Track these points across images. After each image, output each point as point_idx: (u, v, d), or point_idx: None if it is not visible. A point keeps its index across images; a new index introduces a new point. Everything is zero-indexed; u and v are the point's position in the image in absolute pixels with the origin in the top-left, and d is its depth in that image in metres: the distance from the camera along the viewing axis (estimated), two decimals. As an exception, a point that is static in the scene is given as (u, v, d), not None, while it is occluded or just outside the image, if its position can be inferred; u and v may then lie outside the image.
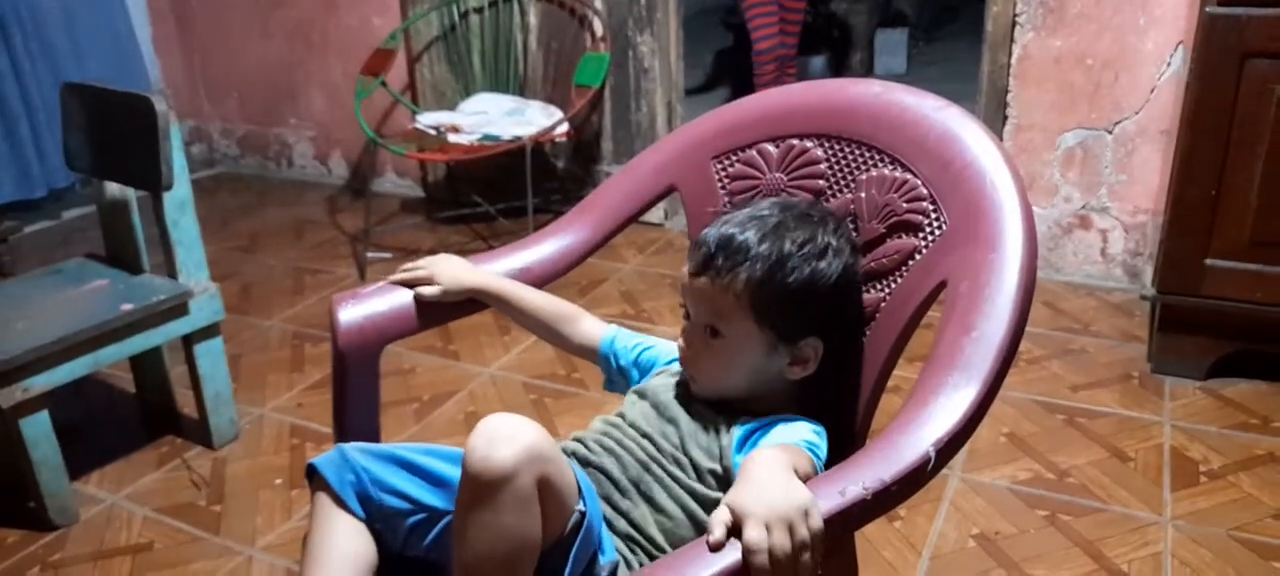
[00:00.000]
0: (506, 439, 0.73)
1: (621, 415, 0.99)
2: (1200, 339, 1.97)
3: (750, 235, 0.89)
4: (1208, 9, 1.78)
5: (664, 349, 1.08)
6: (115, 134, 1.74)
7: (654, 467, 0.91)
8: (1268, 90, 1.77)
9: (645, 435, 0.94)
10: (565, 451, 0.95)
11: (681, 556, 0.69)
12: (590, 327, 1.11)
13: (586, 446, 0.95)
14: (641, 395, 1.00)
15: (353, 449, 0.89)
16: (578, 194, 3.04)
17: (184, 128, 3.68)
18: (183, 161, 1.70)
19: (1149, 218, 2.35)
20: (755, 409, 0.92)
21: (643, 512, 0.89)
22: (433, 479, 0.86)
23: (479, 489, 0.73)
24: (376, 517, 0.87)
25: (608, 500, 0.90)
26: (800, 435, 0.87)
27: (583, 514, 0.79)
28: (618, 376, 1.10)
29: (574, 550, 0.79)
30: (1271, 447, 1.76)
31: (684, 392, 0.97)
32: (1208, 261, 1.89)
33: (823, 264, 0.90)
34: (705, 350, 0.91)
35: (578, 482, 0.80)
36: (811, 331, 0.91)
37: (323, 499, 0.88)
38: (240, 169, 3.80)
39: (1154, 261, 2.28)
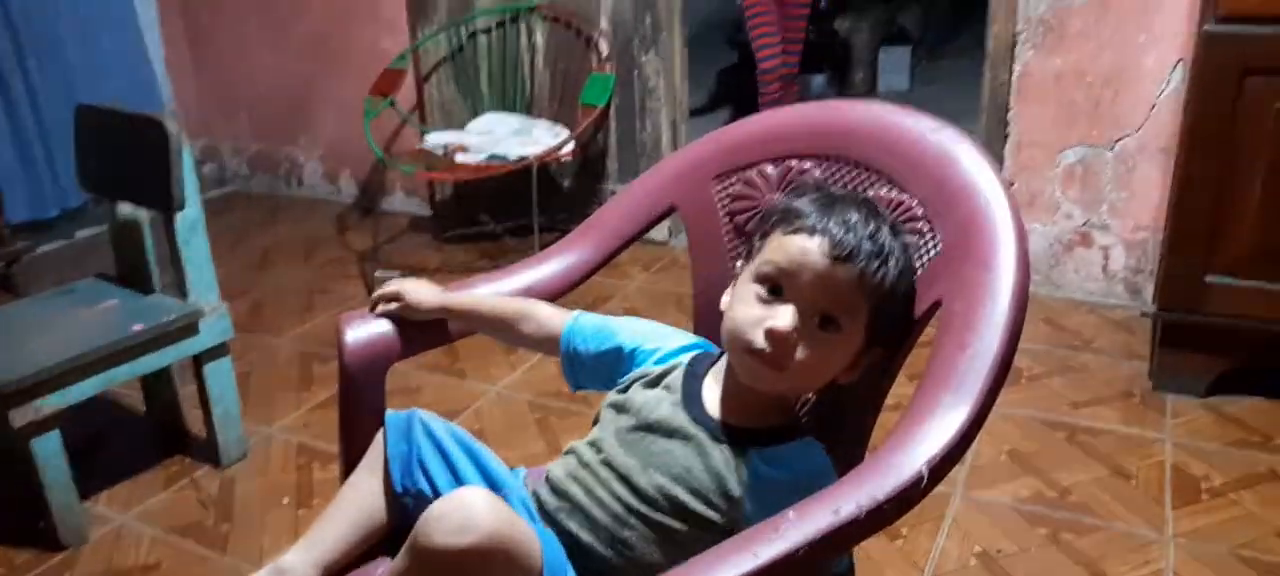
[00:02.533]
0: (459, 529, 0.73)
1: (596, 446, 0.91)
2: (1201, 356, 1.97)
3: (886, 233, 0.84)
4: (1206, 27, 1.80)
5: (643, 334, 0.99)
6: (128, 155, 1.77)
7: (632, 521, 0.85)
8: (1267, 106, 1.78)
9: (624, 476, 0.86)
10: (536, 497, 0.92)
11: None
12: (549, 317, 1.04)
13: (557, 493, 0.90)
14: (621, 409, 0.92)
15: (422, 420, 0.97)
16: (583, 212, 3.05)
17: (196, 147, 3.72)
18: (194, 182, 1.73)
19: (1149, 234, 2.36)
20: (776, 422, 0.88)
21: (622, 570, 0.85)
22: (461, 479, 0.90)
23: (427, 572, 0.74)
24: (408, 492, 0.94)
25: (583, 567, 0.85)
26: (819, 475, 0.84)
27: None
28: (583, 371, 1.01)
29: None
30: (1273, 464, 1.76)
31: (683, 408, 0.88)
32: (1208, 278, 1.90)
33: (913, 278, 0.89)
34: (810, 341, 0.82)
35: (542, 557, 0.79)
36: (889, 339, 0.88)
37: (376, 449, 0.97)
38: (251, 188, 3.84)
39: (1155, 278, 2.29)
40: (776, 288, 0.84)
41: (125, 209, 1.85)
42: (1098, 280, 2.47)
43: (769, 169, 1.12)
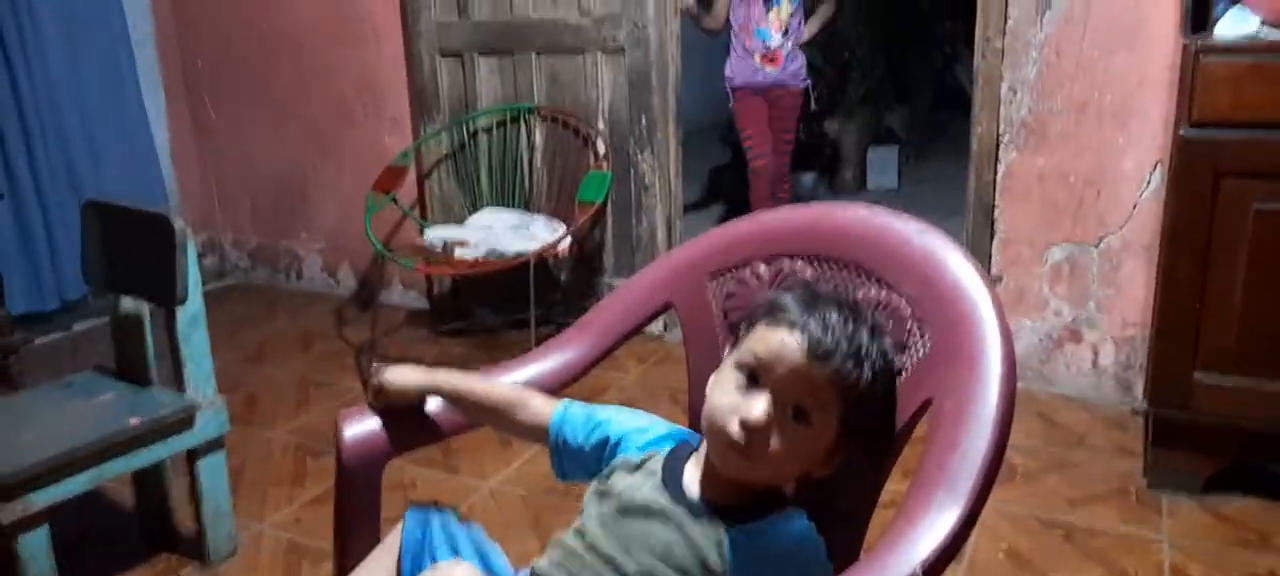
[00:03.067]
0: None
1: (580, 532, 0.94)
2: (1195, 454, 1.98)
3: (864, 335, 0.87)
4: (1181, 131, 1.86)
5: (629, 424, 1.02)
6: (133, 250, 1.80)
7: None
8: (1244, 207, 1.84)
9: (608, 559, 0.89)
10: None
11: None
12: (540, 408, 1.06)
13: None
14: (604, 496, 0.95)
15: (442, 518, 1.02)
16: (580, 306, 3.10)
17: (198, 240, 3.77)
18: (197, 276, 1.76)
19: (1137, 331, 2.39)
20: (757, 505, 0.89)
21: None
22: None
23: None
24: None
25: None
26: (801, 542, 0.86)
27: None
28: (570, 460, 1.03)
29: None
30: (1272, 565, 1.75)
31: (663, 489, 0.91)
32: (1197, 376, 1.92)
33: (893, 381, 0.91)
34: (782, 432, 0.85)
35: None
36: (866, 438, 0.90)
37: (393, 537, 1.02)
38: (251, 279, 3.87)
39: (1144, 375, 2.31)
40: (754, 377, 0.87)
41: (128, 303, 1.88)
42: (1088, 376, 2.49)
43: (762, 268, 1.15)
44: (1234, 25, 1.89)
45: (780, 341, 0.85)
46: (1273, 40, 1.80)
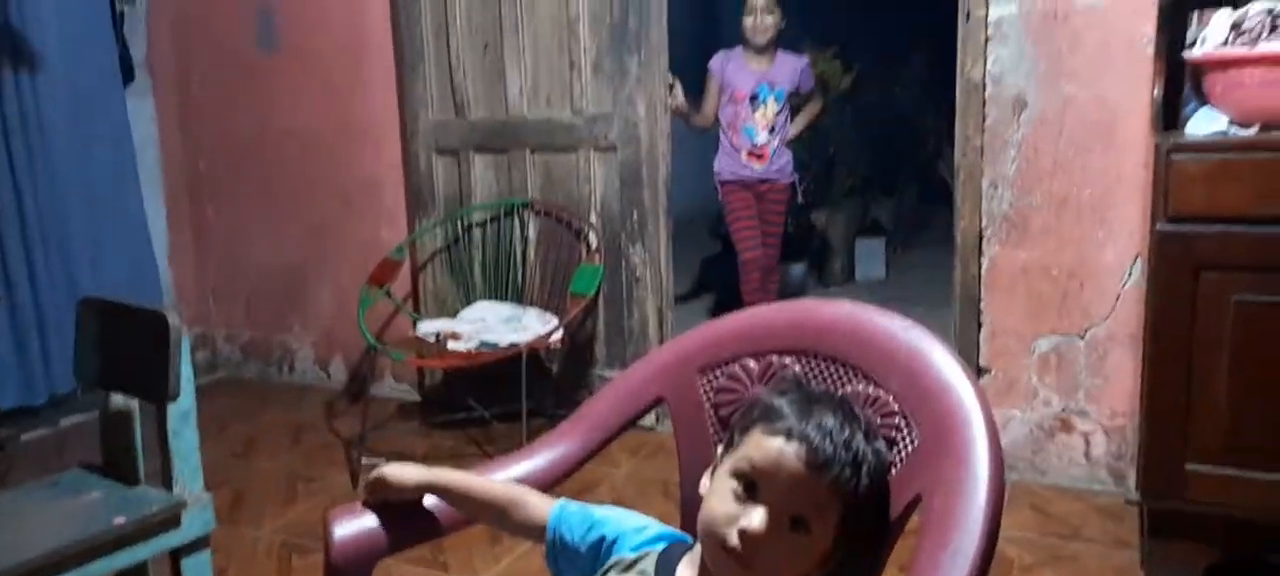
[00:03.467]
0: None
1: None
2: (1190, 545, 1.97)
3: (860, 440, 0.87)
4: (1159, 226, 1.91)
5: (625, 524, 1.01)
6: (127, 347, 1.81)
7: None
8: (1224, 299, 1.87)
9: None
10: None
11: None
12: (537, 506, 1.06)
13: None
14: None
15: None
16: (572, 398, 3.10)
17: (191, 334, 3.76)
18: (190, 372, 1.76)
19: (1127, 420, 2.40)
20: None
21: None
22: None
23: None
24: None
25: None
26: None
27: None
28: (566, 559, 1.03)
29: None
30: (1274, 658, 1.73)
31: None
32: (1188, 467, 1.92)
33: (887, 480, 0.93)
34: (781, 542, 0.85)
35: None
36: (863, 539, 0.91)
37: None
38: (242, 373, 3.86)
39: (1136, 465, 2.31)
40: (752, 485, 0.87)
41: (118, 399, 1.87)
42: (1081, 466, 2.49)
43: (751, 363, 1.17)
44: (1203, 124, 1.97)
45: (778, 450, 0.86)
46: (1241, 138, 1.86)
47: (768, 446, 0.87)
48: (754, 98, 3.44)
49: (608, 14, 2.86)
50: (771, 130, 3.46)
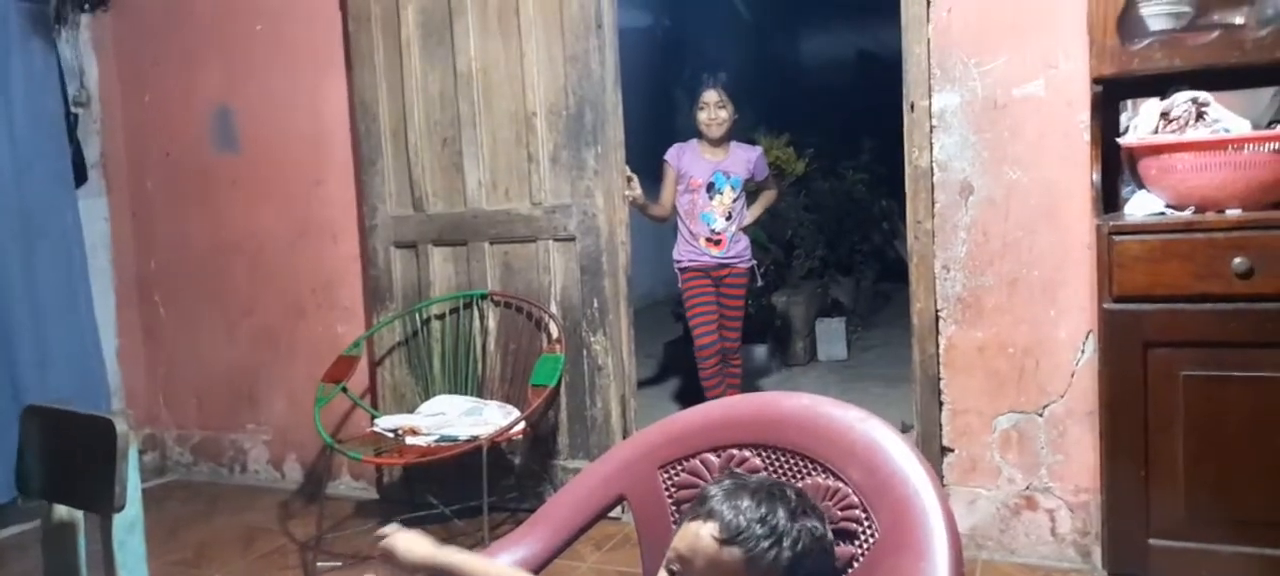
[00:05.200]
0: None
1: None
2: (1158, 621, 1.97)
3: (781, 516, 0.92)
4: (1106, 305, 1.96)
5: None
6: (72, 456, 1.75)
7: None
8: (1173, 375, 1.92)
9: None
10: None
11: None
12: None
13: None
14: None
15: None
16: (535, 490, 3.04)
17: (139, 436, 3.66)
18: (137, 480, 1.70)
19: (1091, 496, 2.42)
20: None
21: None
22: None
23: None
24: None
25: None
26: None
27: None
28: None
29: None
30: None
31: None
32: (1151, 542, 1.94)
33: (826, 560, 0.95)
34: None
35: None
36: None
37: None
38: (192, 476, 3.74)
39: (1100, 541, 2.32)
40: (677, 573, 0.92)
41: (61, 510, 1.80)
42: (1048, 543, 2.49)
43: (711, 458, 1.17)
44: (1142, 205, 2.04)
45: (696, 532, 0.92)
46: (1178, 220, 1.93)
47: (688, 531, 0.93)
48: (711, 186, 3.50)
49: (564, 108, 2.92)
50: (728, 217, 3.52)
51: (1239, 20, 2.08)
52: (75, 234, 3.33)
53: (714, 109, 3.44)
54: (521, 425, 2.79)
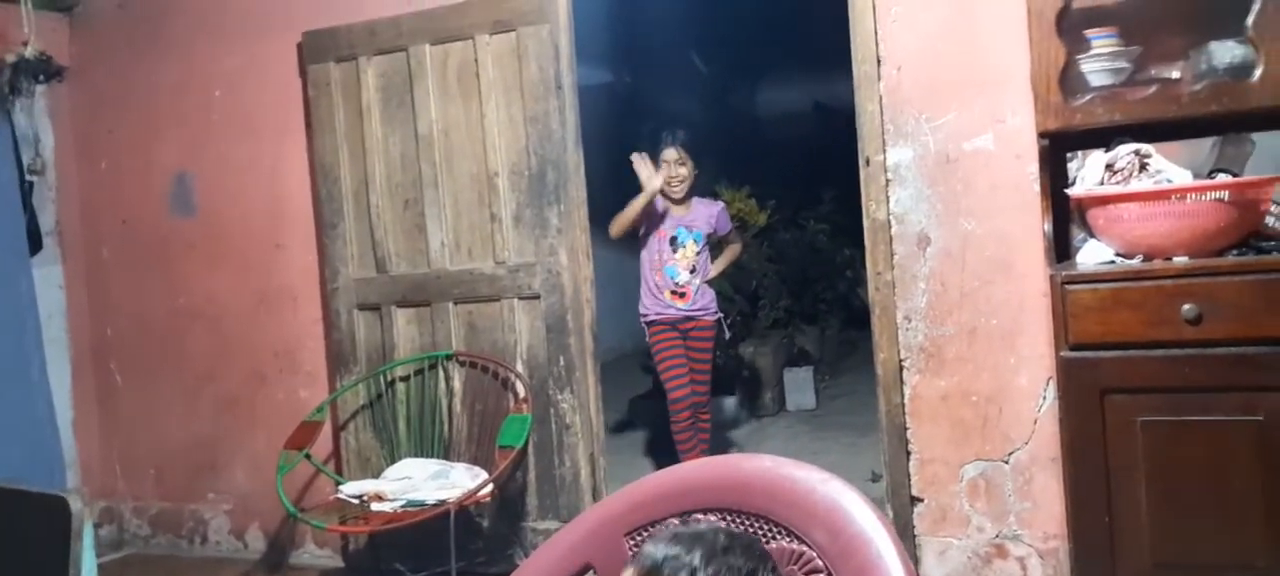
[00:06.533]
0: None
1: None
2: (1130, 668, 1.97)
3: (697, 556, 0.95)
4: (1062, 353, 2.00)
5: None
6: (23, 535, 1.69)
7: None
8: (1130, 421, 1.95)
9: None
10: None
11: None
12: None
13: None
14: None
15: None
16: (504, 553, 2.99)
17: (95, 508, 3.55)
18: (92, 559, 1.66)
19: (1060, 543, 2.43)
20: None
21: None
22: None
23: None
24: None
25: None
26: None
27: None
28: None
29: None
30: None
31: None
32: (1118, 587, 1.95)
33: None
34: None
35: None
36: None
37: None
38: (150, 549, 3.63)
39: (1071, 587, 2.33)
40: None
41: (8, 596, 1.74)
42: (1019, 591, 2.49)
43: (675, 522, 1.16)
44: (1093, 254, 2.09)
45: None
46: (1128, 269, 1.98)
47: None
48: (674, 239, 3.52)
49: (526, 168, 2.94)
50: (692, 270, 3.54)
51: (1176, 75, 2.16)
52: (29, 302, 3.27)
53: (674, 165, 3.47)
54: (489, 487, 2.75)
